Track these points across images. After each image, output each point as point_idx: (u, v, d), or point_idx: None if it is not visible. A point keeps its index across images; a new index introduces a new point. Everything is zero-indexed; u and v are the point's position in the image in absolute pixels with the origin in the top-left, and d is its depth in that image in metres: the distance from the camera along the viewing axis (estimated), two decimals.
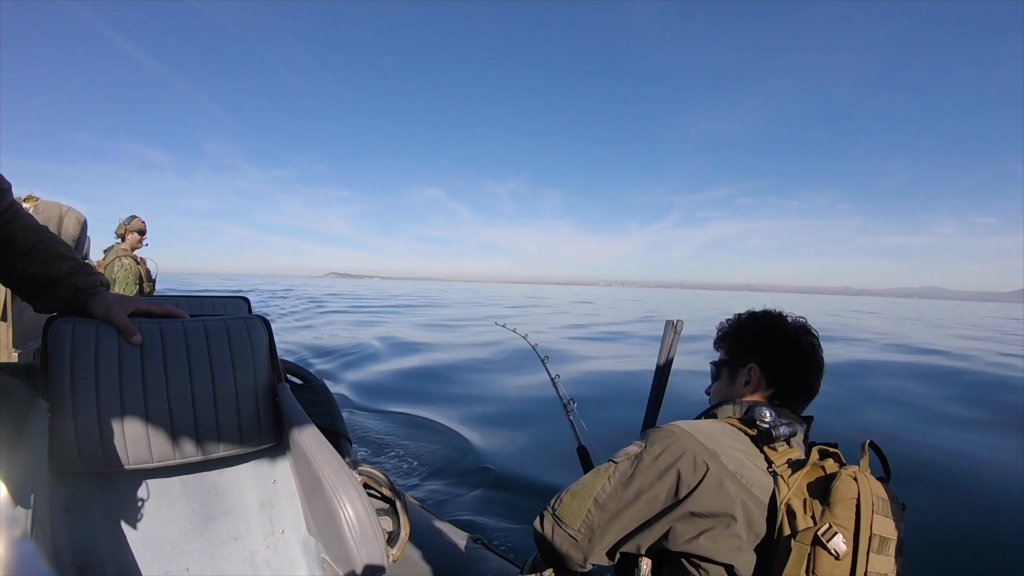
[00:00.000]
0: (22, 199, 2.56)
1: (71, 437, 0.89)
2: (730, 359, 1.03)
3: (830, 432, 0.95)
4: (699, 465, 0.80)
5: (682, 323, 1.27)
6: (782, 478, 0.79)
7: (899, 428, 4.65)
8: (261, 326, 1.15)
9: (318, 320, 15.64)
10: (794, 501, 0.77)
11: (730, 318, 1.08)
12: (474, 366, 7.59)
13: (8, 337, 2.27)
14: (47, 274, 0.94)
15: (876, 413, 5.20)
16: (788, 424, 0.83)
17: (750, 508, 0.78)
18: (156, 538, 0.96)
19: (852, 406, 5.29)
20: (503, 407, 5.29)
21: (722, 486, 0.78)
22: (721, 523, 0.78)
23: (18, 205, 0.95)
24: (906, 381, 6.89)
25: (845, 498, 0.74)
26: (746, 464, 0.81)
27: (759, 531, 0.78)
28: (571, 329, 14.08)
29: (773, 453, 0.82)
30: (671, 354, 1.26)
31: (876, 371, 7.56)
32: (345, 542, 0.87)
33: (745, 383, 0.98)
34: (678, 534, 0.80)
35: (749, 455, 0.82)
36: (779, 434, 0.82)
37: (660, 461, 0.84)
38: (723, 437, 0.84)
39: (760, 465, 0.81)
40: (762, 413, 0.85)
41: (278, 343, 1.17)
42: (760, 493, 0.79)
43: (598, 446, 1.47)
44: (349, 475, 0.94)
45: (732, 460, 0.81)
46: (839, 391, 5.86)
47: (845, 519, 0.74)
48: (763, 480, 0.79)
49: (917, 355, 9.59)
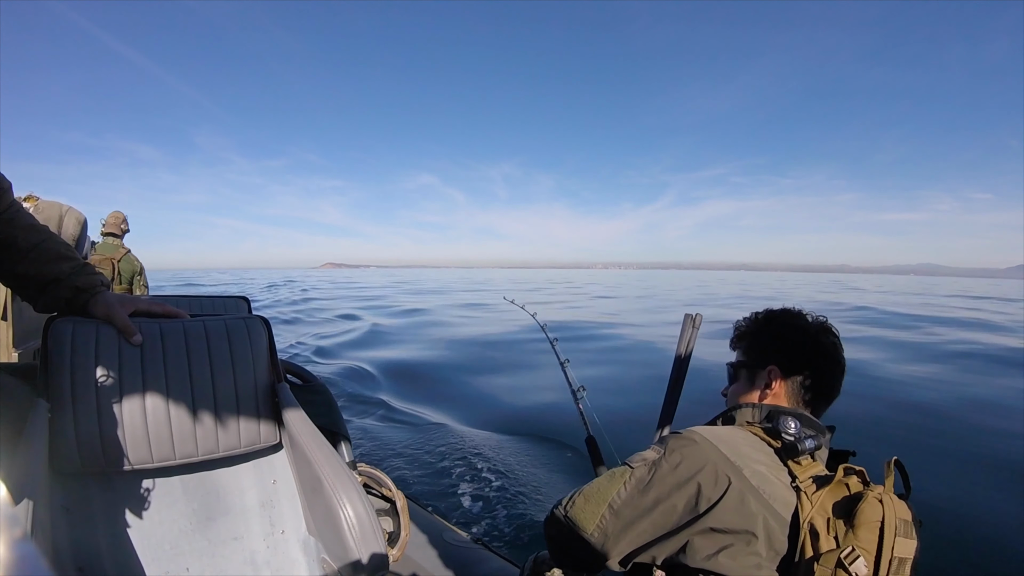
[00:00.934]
0: (22, 199, 2.56)
1: (71, 437, 0.89)
2: (748, 360, 1.00)
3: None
4: (721, 479, 0.77)
5: (701, 316, 1.24)
6: (806, 495, 0.76)
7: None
8: (261, 326, 1.15)
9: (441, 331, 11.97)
10: (817, 520, 0.74)
11: (748, 316, 1.04)
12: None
13: (8, 337, 2.27)
14: (48, 274, 0.94)
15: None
16: (814, 437, 0.81)
17: (772, 526, 0.75)
18: (156, 538, 0.96)
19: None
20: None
21: (744, 502, 0.76)
22: (741, 540, 0.75)
23: (18, 205, 0.95)
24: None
25: (870, 520, 0.73)
26: (769, 479, 0.78)
27: (780, 549, 0.76)
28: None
29: (797, 467, 0.79)
30: (690, 348, 1.23)
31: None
32: (345, 542, 0.87)
33: (764, 386, 0.95)
34: (696, 549, 0.78)
35: (772, 469, 0.79)
36: (804, 448, 0.79)
37: (680, 471, 0.80)
38: (745, 448, 0.81)
39: (783, 480, 0.78)
40: (787, 424, 0.82)
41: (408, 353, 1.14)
42: (783, 510, 0.76)
43: (609, 438, 1.42)
44: (349, 475, 0.94)
45: (755, 474, 0.78)
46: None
47: (868, 542, 0.72)
48: (786, 496, 0.77)
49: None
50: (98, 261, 4.04)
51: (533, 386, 5.98)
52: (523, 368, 7.15)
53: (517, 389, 5.97)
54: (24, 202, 2.55)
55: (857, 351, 7.89)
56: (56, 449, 0.89)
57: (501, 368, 7.25)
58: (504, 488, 3.25)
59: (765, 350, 0.97)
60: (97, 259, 4.04)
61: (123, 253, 4.20)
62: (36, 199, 2.59)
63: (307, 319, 13.83)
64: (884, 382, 6.13)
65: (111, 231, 4.22)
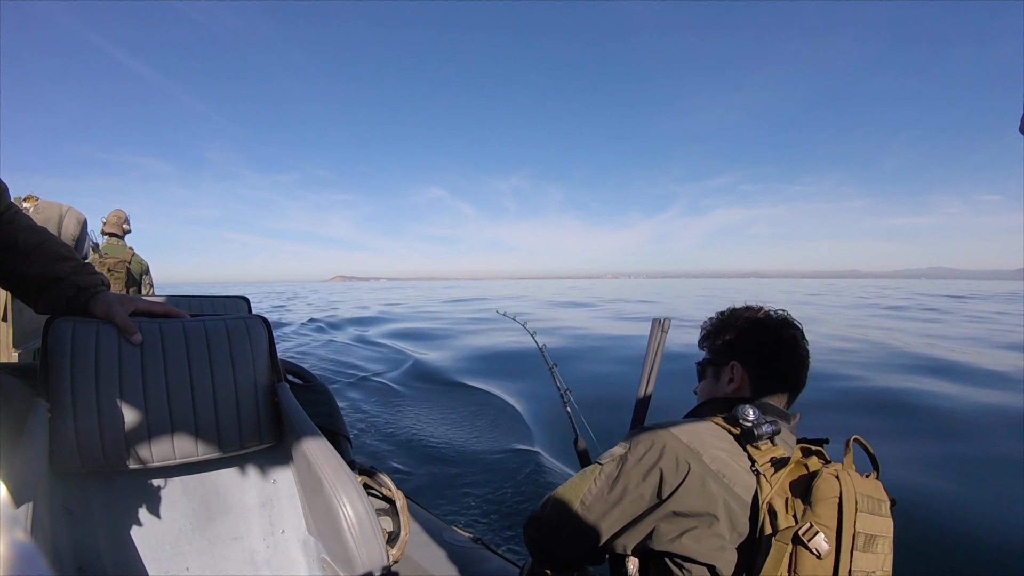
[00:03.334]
0: (22, 199, 2.57)
1: (71, 437, 0.89)
2: (713, 358, 1.03)
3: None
4: (681, 464, 0.81)
5: (669, 321, 1.27)
6: (764, 477, 0.79)
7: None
8: (261, 326, 1.15)
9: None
10: (776, 500, 0.77)
11: (712, 316, 1.07)
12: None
13: (8, 337, 2.27)
14: (49, 274, 0.94)
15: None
16: (771, 422, 0.83)
17: (732, 508, 0.78)
18: (156, 538, 0.96)
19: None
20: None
21: (704, 485, 0.78)
22: (704, 523, 0.78)
23: (16, 207, 0.95)
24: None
25: (827, 496, 0.74)
26: (728, 463, 0.81)
27: (742, 531, 0.78)
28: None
29: (756, 452, 0.82)
30: (659, 352, 1.26)
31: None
32: (345, 542, 0.88)
33: (728, 381, 0.98)
34: (661, 534, 0.81)
35: (732, 454, 0.82)
36: (762, 432, 0.81)
37: (644, 461, 0.84)
38: (706, 436, 0.84)
39: (743, 464, 0.81)
40: (745, 412, 0.84)
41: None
42: (743, 492, 0.78)
43: (597, 439, 1.44)
44: (349, 475, 0.94)
45: (714, 459, 0.81)
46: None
47: (827, 518, 0.73)
48: (746, 479, 0.79)
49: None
50: (113, 264, 4.04)
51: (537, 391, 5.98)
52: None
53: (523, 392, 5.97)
54: (24, 202, 2.55)
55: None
56: (56, 449, 0.89)
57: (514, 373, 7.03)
58: (505, 488, 3.25)
59: (728, 347, 1.00)
60: (112, 261, 4.04)
61: (131, 254, 4.19)
62: (36, 199, 2.59)
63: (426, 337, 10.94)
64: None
65: (112, 231, 4.15)
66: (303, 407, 1.10)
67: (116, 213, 4.22)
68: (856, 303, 22.39)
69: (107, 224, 4.16)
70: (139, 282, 4.25)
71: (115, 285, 4.02)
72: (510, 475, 3.44)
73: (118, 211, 4.25)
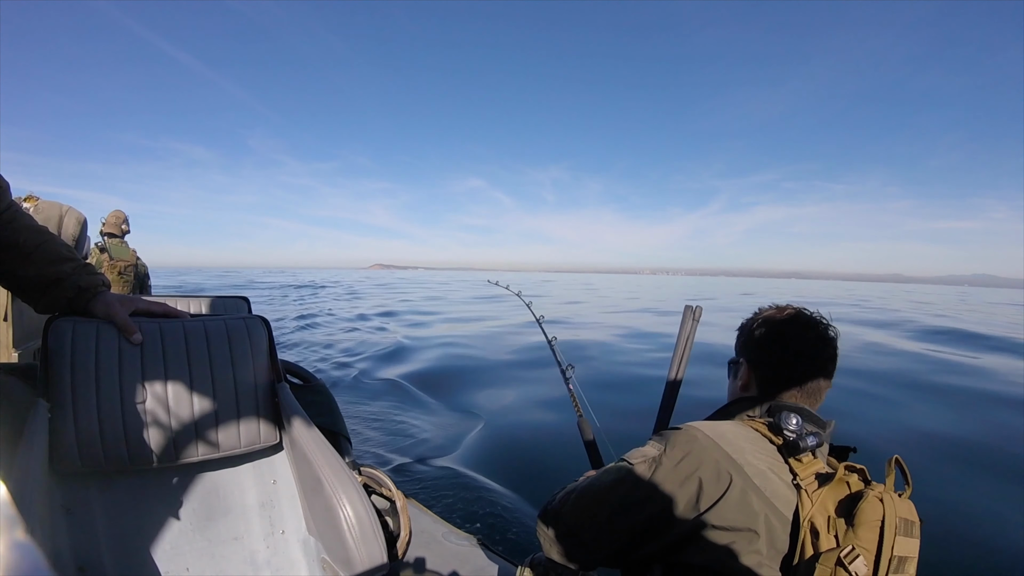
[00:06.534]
0: (22, 199, 2.56)
1: (71, 437, 0.89)
2: (734, 357, 1.03)
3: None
4: (723, 476, 0.77)
5: (701, 309, 1.22)
6: (806, 492, 0.76)
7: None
8: (261, 326, 1.15)
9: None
10: (817, 518, 0.74)
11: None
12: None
13: (8, 337, 2.27)
14: (50, 275, 0.94)
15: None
16: (815, 434, 0.80)
17: (773, 524, 0.75)
18: (156, 538, 0.96)
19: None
20: None
21: (746, 499, 0.75)
22: (743, 538, 0.75)
23: (17, 206, 0.95)
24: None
25: (870, 519, 0.73)
26: (769, 476, 0.77)
27: (780, 547, 0.75)
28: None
29: (798, 465, 0.79)
30: (690, 339, 1.22)
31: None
32: (345, 542, 0.87)
33: (738, 379, 0.98)
34: (696, 546, 0.78)
35: (773, 466, 0.79)
36: (806, 445, 0.78)
37: (681, 467, 0.80)
38: (746, 444, 0.81)
39: (784, 477, 0.78)
40: (788, 421, 0.81)
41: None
42: (784, 508, 0.76)
43: (599, 420, 1.38)
44: (349, 475, 0.94)
45: (757, 472, 0.77)
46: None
47: (868, 541, 0.72)
48: (786, 494, 0.76)
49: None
50: (123, 266, 4.06)
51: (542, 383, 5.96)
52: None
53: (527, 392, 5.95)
54: (24, 202, 2.55)
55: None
56: (56, 449, 0.89)
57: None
58: (505, 488, 3.25)
59: (741, 345, 1.00)
60: (122, 264, 4.06)
61: (135, 255, 4.20)
62: (36, 199, 2.59)
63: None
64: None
65: (111, 231, 4.14)
66: (303, 407, 1.10)
67: (115, 214, 4.23)
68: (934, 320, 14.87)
69: (106, 225, 4.16)
70: (143, 284, 4.27)
71: (124, 289, 4.02)
72: (511, 475, 3.43)
73: (117, 211, 4.26)
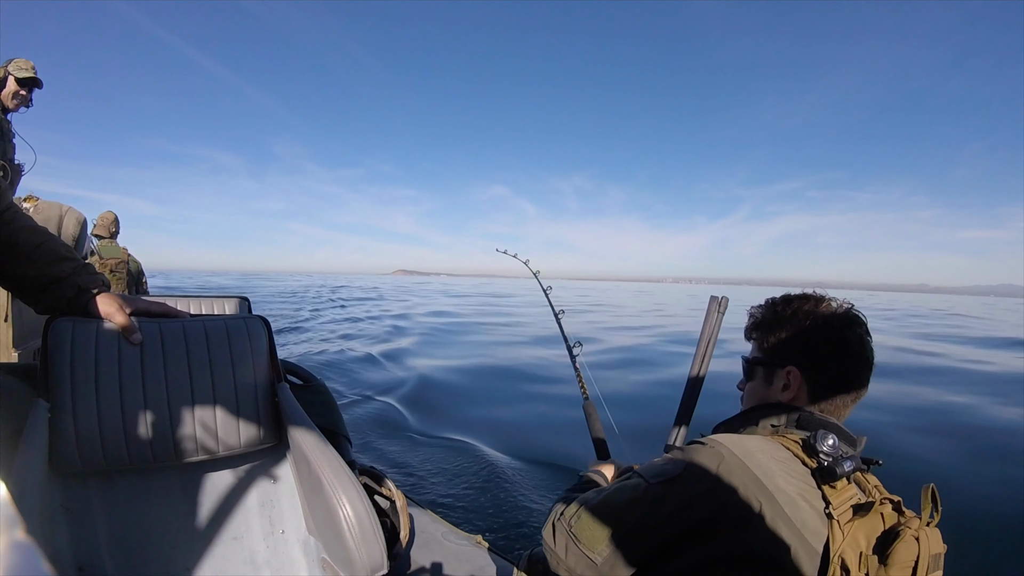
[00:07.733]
0: (22, 199, 2.57)
1: (71, 437, 0.89)
2: (765, 357, 0.91)
3: None
4: (751, 502, 0.70)
5: (727, 300, 1.16)
6: (838, 523, 0.70)
7: None
8: (261, 326, 1.15)
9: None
10: (848, 553, 0.69)
11: (764, 303, 0.93)
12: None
13: (8, 337, 2.27)
14: (50, 275, 0.94)
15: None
16: (852, 457, 0.73)
17: (801, 557, 0.69)
18: (156, 538, 0.96)
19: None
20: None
21: (773, 529, 0.69)
22: (766, 568, 0.70)
23: (16, 206, 0.95)
24: None
25: (904, 560, 0.68)
26: (800, 505, 0.71)
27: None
28: None
29: (832, 492, 0.72)
30: (715, 332, 1.16)
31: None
32: (345, 542, 0.87)
33: (784, 387, 0.87)
34: (717, 573, 0.72)
35: (804, 492, 0.72)
36: (843, 471, 0.71)
37: (703, 490, 0.73)
38: (774, 464, 0.74)
39: (816, 505, 0.71)
40: (824, 441, 0.74)
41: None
42: (813, 540, 0.69)
43: (607, 403, 1.30)
44: (349, 475, 0.94)
45: (787, 500, 0.71)
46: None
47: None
48: (817, 525, 0.70)
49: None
50: (114, 264, 4.13)
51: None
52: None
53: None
54: (24, 202, 2.55)
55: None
56: (56, 449, 0.89)
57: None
58: (505, 488, 3.25)
59: (784, 346, 0.87)
60: (113, 262, 4.13)
61: (127, 254, 4.28)
62: (36, 200, 2.60)
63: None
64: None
65: (100, 232, 4.25)
66: (303, 407, 1.10)
67: (105, 215, 4.36)
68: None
69: (97, 226, 4.25)
70: (138, 282, 4.32)
71: (118, 285, 4.08)
72: (512, 474, 3.43)
73: (107, 213, 4.37)
